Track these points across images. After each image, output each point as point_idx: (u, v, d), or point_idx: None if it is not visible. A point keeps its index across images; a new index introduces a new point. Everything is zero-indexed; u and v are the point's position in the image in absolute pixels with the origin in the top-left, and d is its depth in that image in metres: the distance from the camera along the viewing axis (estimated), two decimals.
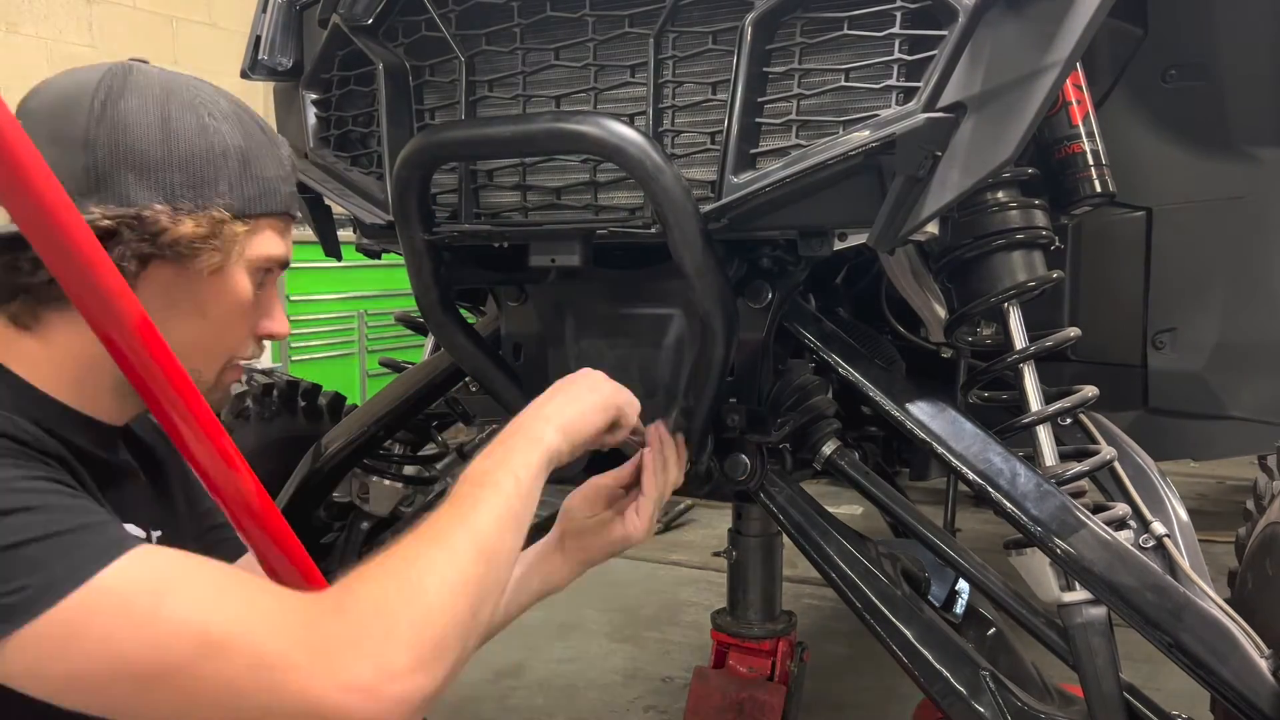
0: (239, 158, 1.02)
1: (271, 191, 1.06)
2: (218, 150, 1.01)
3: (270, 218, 1.06)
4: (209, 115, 1.02)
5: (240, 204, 1.02)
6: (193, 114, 1.01)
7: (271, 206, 1.06)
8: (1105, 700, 1.35)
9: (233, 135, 1.03)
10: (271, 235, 1.07)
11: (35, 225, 0.83)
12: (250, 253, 1.05)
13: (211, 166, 1.00)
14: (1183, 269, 1.96)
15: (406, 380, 2.13)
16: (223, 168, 1.01)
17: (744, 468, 1.62)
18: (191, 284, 1.01)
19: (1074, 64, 1.30)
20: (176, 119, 0.99)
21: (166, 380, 0.94)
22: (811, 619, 3.65)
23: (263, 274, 1.08)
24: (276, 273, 1.11)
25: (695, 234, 1.33)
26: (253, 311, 1.08)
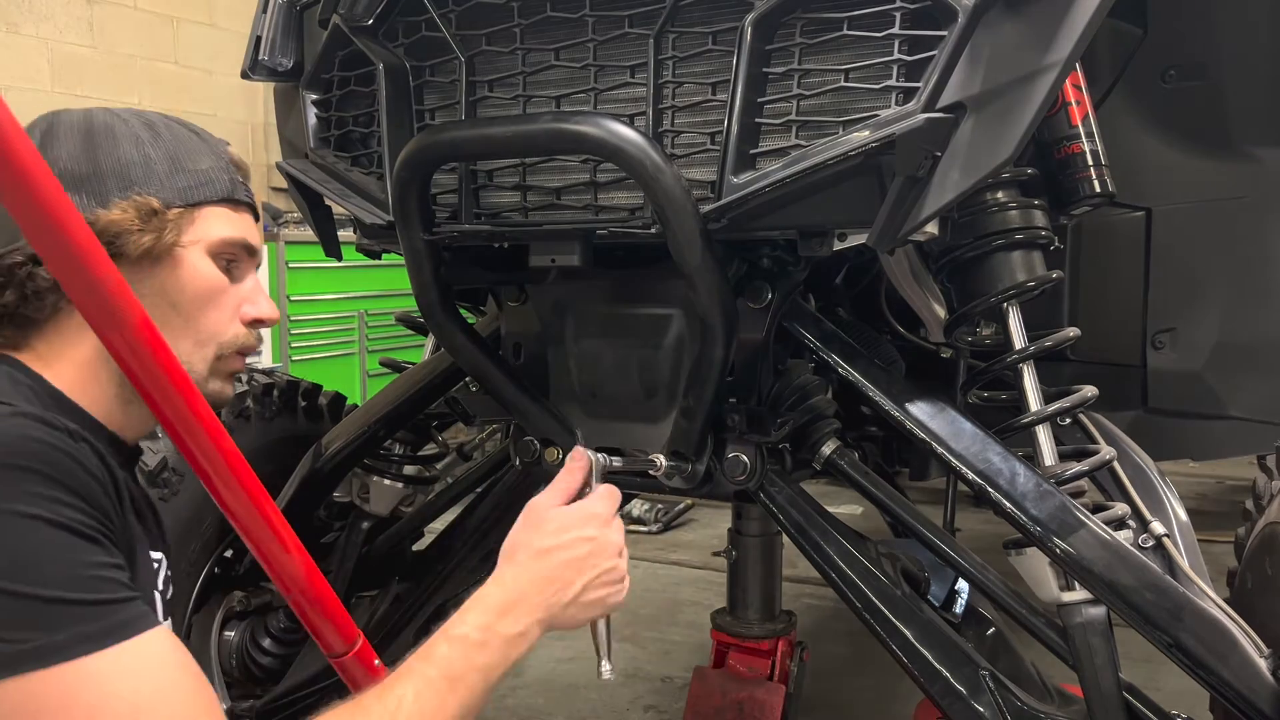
0: (166, 158, 1.09)
1: (208, 181, 1.12)
2: (141, 155, 1.08)
3: (213, 205, 1.12)
4: (127, 130, 1.09)
5: (172, 195, 1.08)
6: (110, 132, 1.08)
7: (210, 194, 1.11)
8: (1105, 700, 1.35)
9: (155, 142, 1.09)
10: (219, 220, 1.12)
11: (36, 226, 0.83)
12: (200, 236, 1.09)
13: (139, 169, 1.06)
14: (1182, 269, 1.96)
15: (406, 380, 2.13)
16: (151, 168, 1.07)
17: (744, 468, 1.62)
18: (151, 277, 1.06)
19: (1074, 64, 1.30)
20: (99, 136, 1.06)
21: (167, 380, 0.94)
22: (811, 619, 3.65)
23: (227, 260, 1.12)
24: (246, 259, 1.15)
25: (695, 234, 1.34)
26: (230, 297, 1.12)
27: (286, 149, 1.82)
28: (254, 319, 1.15)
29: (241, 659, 2.05)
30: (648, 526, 4.76)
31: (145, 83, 5.58)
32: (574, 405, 1.72)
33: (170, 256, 1.07)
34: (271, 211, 5.59)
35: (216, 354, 1.11)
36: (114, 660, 0.83)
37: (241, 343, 1.14)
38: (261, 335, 1.18)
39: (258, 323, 1.15)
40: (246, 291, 1.14)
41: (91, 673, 0.81)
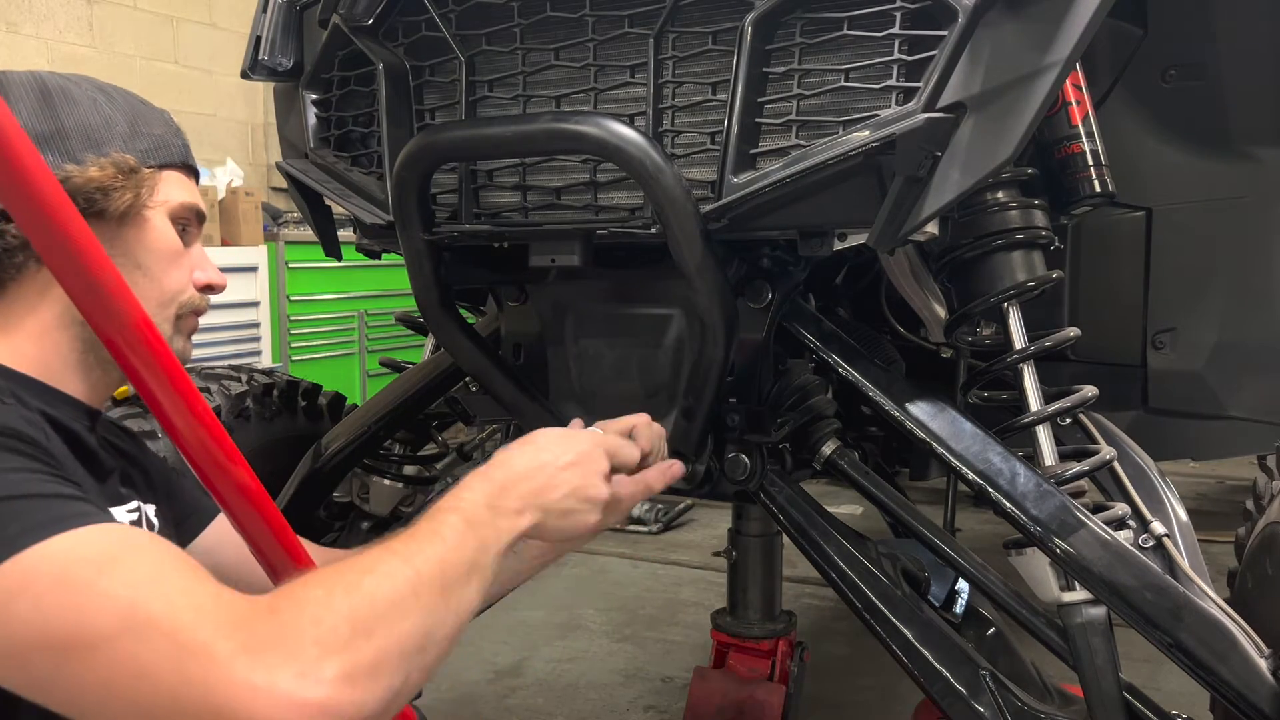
0: (125, 119, 1.10)
1: (165, 144, 1.14)
2: (102, 115, 1.09)
3: (170, 169, 1.14)
4: (82, 92, 1.09)
5: (138, 156, 1.09)
6: (66, 94, 1.08)
7: (168, 157, 1.14)
8: (1105, 700, 1.35)
9: (111, 105, 1.11)
10: (177, 184, 1.14)
11: (36, 225, 0.83)
12: (164, 198, 1.12)
13: (102, 129, 1.07)
14: (1183, 269, 1.96)
15: (406, 380, 2.13)
16: (112, 128, 1.08)
17: (744, 468, 1.62)
18: (119, 238, 1.07)
19: (1074, 64, 1.30)
20: (56, 97, 1.06)
21: (167, 380, 0.94)
22: (811, 619, 3.65)
23: (182, 226, 1.15)
24: (195, 226, 1.18)
25: (695, 234, 1.34)
26: (185, 262, 1.15)
27: (286, 149, 1.82)
28: (206, 284, 1.17)
29: None
30: (648, 526, 4.76)
31: (145, 83, 5.58)
32: (574, 405, 1.72)
33: (139, 217, 1.09)
34: (271, 211, 5.59)
35: (177, 313, 1.14)
36: (73, 538, 0.80)
37: (195, 305, 1.17)
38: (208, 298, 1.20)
39: (209, 288, 1.18)
40: (197, 257, 1.17)
41: (50, 552, 0.78)
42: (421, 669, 0.85)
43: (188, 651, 0.76)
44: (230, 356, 4.66)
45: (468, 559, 0.92)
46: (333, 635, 0.78)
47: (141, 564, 0.81)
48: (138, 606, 0.77)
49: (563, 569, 4.26)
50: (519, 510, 1.03)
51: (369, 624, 0.80)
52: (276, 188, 6.04)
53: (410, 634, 0.83)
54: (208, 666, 0.75)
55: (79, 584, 0.77)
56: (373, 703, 0.78)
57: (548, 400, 1.73)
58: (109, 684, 0.76)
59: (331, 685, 0.76)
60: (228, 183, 5.32)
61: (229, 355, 4.69)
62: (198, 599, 0.79)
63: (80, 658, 0.76)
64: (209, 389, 2.11)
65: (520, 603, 3.76)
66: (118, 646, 0.76)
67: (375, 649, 0.80)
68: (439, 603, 0.87)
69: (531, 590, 3.56)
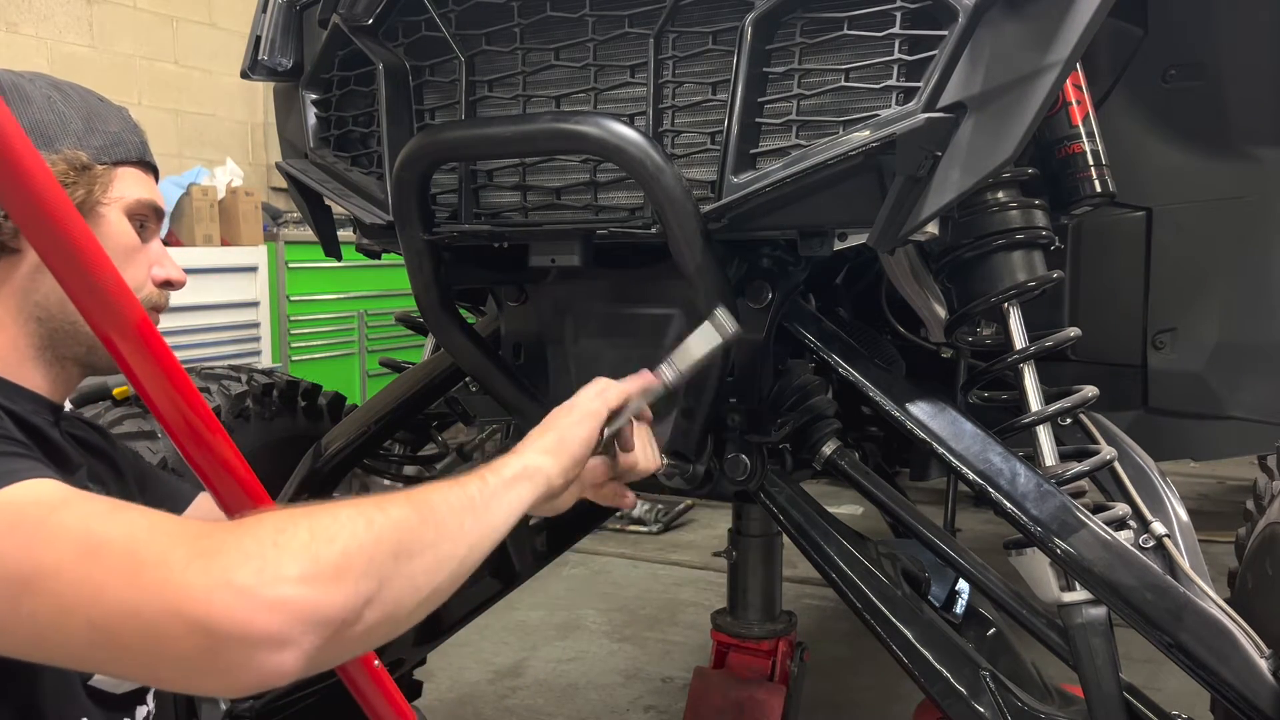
0: (81, 117, 1.10)
1: (120, 141, 1.13)
2: (56, 113, 1.08)
3: (127, 165, 1.14)
4: (36, 90, 1.09)
5: (92, 153, 1.09)
6: (20, 91, 1.08)
7: (124, 154, 1.13)
8: (1105, 700, 1.35)
9: (66, 102, 1.10)
10: (133, 181, 1.14)
11: (36, 225, 0.83)
12: (119, 195, 1.11)
13: (55, 126, 1.07)
14: (1183, 269, 1.96)
15: (406, 380, 2.13)
16: (66, 125, 1.08)
17: (744, 468, 1.62)
18: None
19: (1074, 64, 1.30)
20: (10, 95, 1.06)
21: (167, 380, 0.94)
22: (811, 619, 3.65)
23: (140, 222, 1.14)
24: (154, 222, 1.17)
25: (696, 234, 1.33)
26: (142, 259, 1.14)
27: (286, 149, 1.82)
28: (165, 280, 1.16)
29: None
30: (648, 527, 4.76)
31: (145, 83, 5.58)
32: None
33: (94, 214, 1.09)
34: (271, 211, 5.59)
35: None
36: (23, 487, 0.79)
37: (155, 301, 1.16)
38: (168, 294, 1.19)
39: (168, 284, 1.17)
40: (156, 254, 1.17)
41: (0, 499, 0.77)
42: (406, 581, 0.82)
43: (143, 563, 0.74)
44: (230, 356, 4.66)
45: (441, 489, 0.93)
46: (294, 540, 0.76)
47: (95, 503, 0.80)
48: (92, 533, 0.76)
49: (563, 569, 4.26)
50: (519, 450, 1.07)
51: (331, 532, 0.78)
52: (276, 188, 6.04)
53: (378, 541, 0.81)
54: (164, 573, 0.73)
55: (31, 523, 0.77)
56: (338, 599, 0.76)
57: (547, 400, 1.73)
58: (66, 609, 0.74)
59: (291, 583, 0.73)
60: (228, 183, 5.32)
61: (229, 355, 4.69)
62: (153, 522, 0.78)
63: (35, 589, 0.74)
64: (209, 389, 2.11)
65: (520, 603, 3.76)
66: (73, 571, 0.74)
67: (339, 550, 0.77)
68: (411, 519, 0.86)
69: (531, 590, 3.56)
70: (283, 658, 0.73)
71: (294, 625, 0.73)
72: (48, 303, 1.07)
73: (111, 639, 0.74)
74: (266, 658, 0.72)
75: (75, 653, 0.77)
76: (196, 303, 4.62)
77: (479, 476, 1.00)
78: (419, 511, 0.87)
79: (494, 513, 0.98)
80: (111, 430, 1.93)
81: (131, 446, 1.90)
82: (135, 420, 1.98)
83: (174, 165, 5.51)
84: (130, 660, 0.76)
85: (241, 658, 0.72)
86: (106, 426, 1.95)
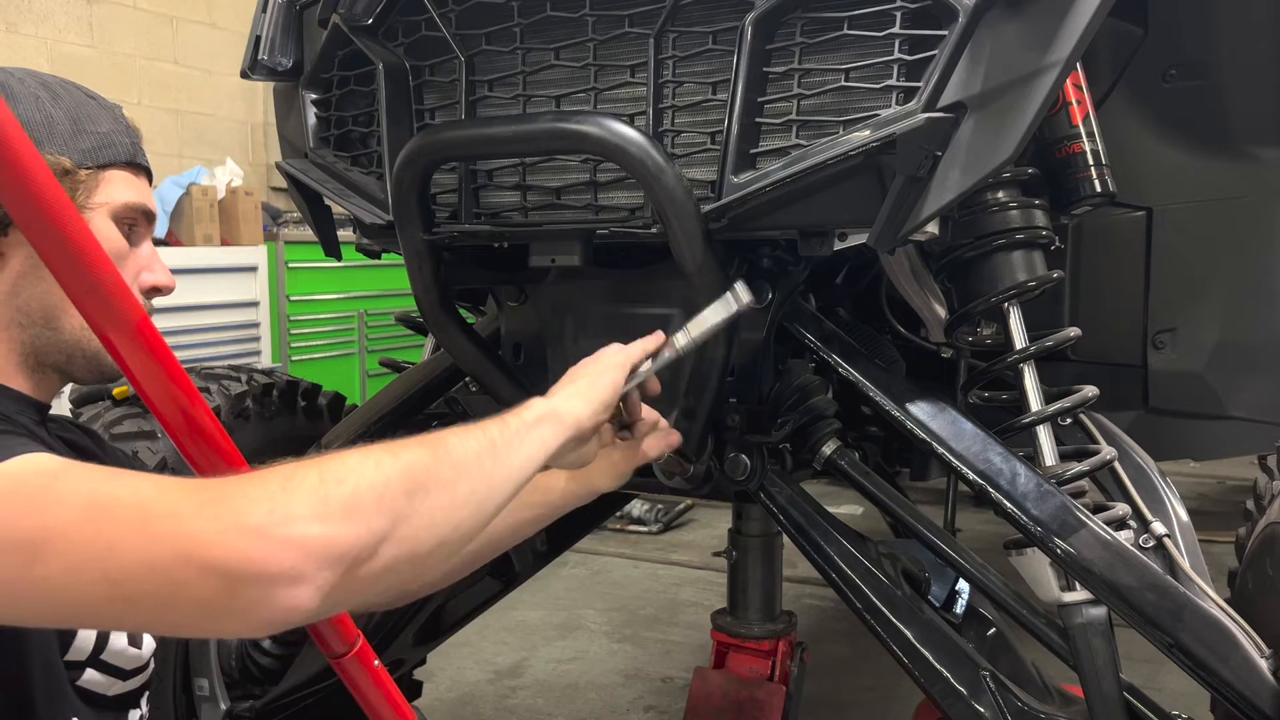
0: (68, 118, 1.08)
1: (110, 143, 1.11)
2: (44, 113, 1.06)
3: (115, 168, 1.11)
4: (25, 89, 1.07)
5: (79, 156, 1.07)
6: (7, 90, 1.05)
7: (113, 156, 1.11)
8: (1105, 700, 1.35)
9: (54, 103, 1.08)
10: (122, 184, 1.11)
11: (36, 225, 0.83)
12: (105, 199, 1.09)
13: (41, 127, 1.05)
14: (1183, 269, 1.96)
15: (406, 380, 2.13)
16: (53, 127, 1.06)
17: (744, 468, 1.61)
18: None
19: (1074, 64, 1.30)
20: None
21: (167, 380, 0.94)
22: (811, 619, 3.65)
23: (129, 226, 1.12)
24: (144, 226, 1.15)
25: (697, 234, 1.33)
26: (131, 263, 1.12)
27: (286, 149, 1.82)
28: (152, 285, 1.14)
29: (241, 659, 2.04)
30: (648, 526, 4.76)
31: (145, 82, 5.58)
32: None
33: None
34: (271, 211, 5.59)
35: None
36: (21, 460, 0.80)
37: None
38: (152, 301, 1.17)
39: (155, 290, 1.15)
40: (145, 258, 1.14)
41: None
42: (420, 521, 0.83)
43: (152, 515, 0.74)
44: (230, 356, 4.66)
45: (459, 432, 0.93)
46: (302, 484, 0.77)
47: (95, 469, 0.81)
48: (98, 493, 0.76)
49: (562, 569, 4.26)
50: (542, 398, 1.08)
51: (340, 474, 0.79)
52: (276, 188, 6.04)
53: (389, 480, 0.81)
54: (175, 522, 0.74)
55: (33, 489, 0.77)
56: (350, 535, 0.77)
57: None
58: (78, 568, 0.74)
59: (303, 521, 0.74)
60: (227, 183, 5.32)
61: (229, 355, 4.69)
62: (157, 480, 0.79)
63: (45, 552, 0.74)
64: (209, 389, 2.11)
65: (520, 603, 3.76)
66: (82, 531, 0.75)
67: (349, 490, 0.78)
68: (424, 456, 0.86)
69: (531, 590, 3.56)
70: (299, 593, 0.74)
71: (308, 561, 0.74)
72: (29, 309, 1.06)
73: (127, 592, 0.74)
74: (283, 594, 0.74)
75: (93, 610, 0.77)
76: (196, 303, 4.61)
77: (500, 420, 1.00)
78: (433, 452, 0.88)
79: (516, 453, 0.98)
80: (112, 430, 1.94)
81: (131, 447, 1.91)
82: (135, 420, 1.98)
83: (174, 165, 5.51)
84: (148, 611, 0.77)
85: (258, 596, 0.73)
86: (107, 426, 1.96)
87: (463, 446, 0.91)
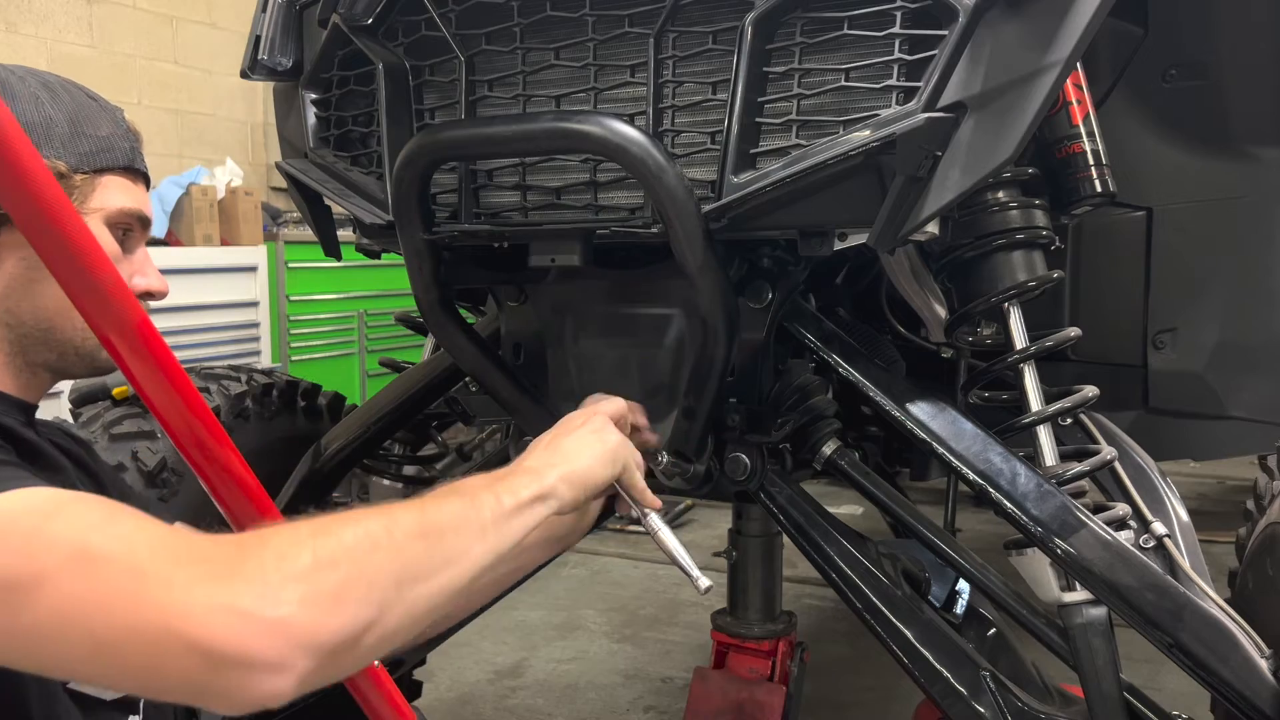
0: (67, 121, 1.06)
1: (109, 147, 1.09)
2: (42, 114, 1.04)
3: (113, 172, 1.10)
4: (25, 89, 1.05)
5: (76, 160, 1.05)
6: (7, 89, 1.04)
7: (111, 161, 1.09)
8: (1105, 700, 1.35)
9: (54, 104, 1.06)
10: (119, 189, 1.10)
11: (35, 225, 0.83)
12: (100, 205, 1.08)
13: (39, 130, 1.03)
14: (1183, 269, 1.96)
15: (406, 380, 2.13)
16: (51, 131, 1.04)
17: (744, 468, 1.61)
18: None
19: (1074, 64, 1.30)
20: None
21: (167, 380, 0.94)
22: (811, 619, 3.65)
23: (123, 231, 1.11)
24: (139, 231, 1.14)
25: (697, 234, 1.33)
26: (124, 269, 1.10)
27: (286, 149, 1.82)
28: (145, 290, 1.14)
29: None
30: None
31: (145, 82, 5.58)
32: (574, 405, 1.70)
33: None
34: (271, 211, 5.59)
35: None
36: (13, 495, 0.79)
37: None
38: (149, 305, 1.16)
39: (148, 295, 1.14)
40: (138, 263, 1.14)
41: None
42: (405, 609, 0.83)
43: (144, 578, 0.74)
44: (230, 356, 4.66)
45: (455, 511, 0.92)
46: (296, 564, 0.77)
47: (90, 509, 0.80)
48: (90, 543, 0.76)
49: (562, 569, 4.26)
50: (537, 468, 1.05)
51: (335, 556, 0.79)
52: (276, 188, 6.04)
53: (380, 570, 0.82)
54: (166, 593, 0.74)
55: (25, 531, 0.76)
56: (335, 626, 0.77)
57: (547, 400, 1.73)
58: (65, 618, 0.74)
59: (292, 606, 0.75)
60: (227, 183, 5.32)
61: (229, 355, 4.69)
62: (153, 534, 0.78)
63: (35, 600, 0.74)
64: (209, 389, 2.11)
65: (520, 603, 3.76)
66: (71, 580, 0.74)
67: (340, 577, 0.79)
68: (417, 545, 0.86)
69: (531, 590, 3.56)
70: (278, 681, 0.74)
71: (291, 651, 0.75)
72: (19, 309, 1.04)
73: (111, 653, 0.74)
74: (263, 681, 0.74)
75: (75, 664, 0.77)
76: (196, 303, 4.62)
77: (494, 493, 0.98)
78: (426, 536, 0.87)
79: (505, 536, 0.96)
80: (111, 430, 1.94)
81: (131, 447, 1.91)
82: (135, 420, 1.98)
83: (174, 165, 5.51)
84: (130, 674, 0.77)
85: (239, 680, 0.73)
86: (106, 426, 1.96)
87: (454, 528, 0.91)
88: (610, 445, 1.15)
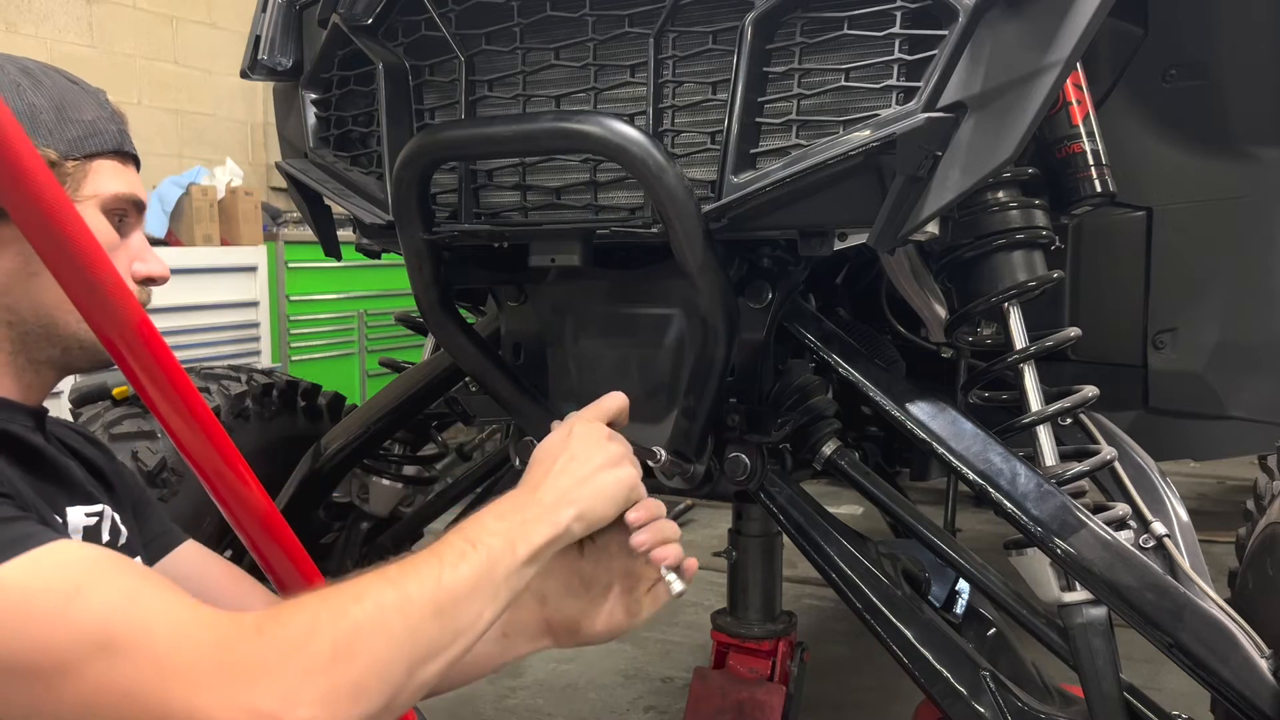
0: (52, 107, 1.04)
1: (96, 131, 1.07)
2: (25, 102, 1.02)
3: (103, 157, 1.08)
4: (4, 76, 1.03)
5: (65, 146, 1.03)
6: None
7: (100, 145, 1.07)
8: (1105, 700, 1.35)
9: (38, 90, 1.04)
10: (111, 174, 1.08)
11: (35, 225, 0.83)
12: (94, 191, 1.06)
13: (24, 118, 1.00)
14: (1183, 269, 1.96)
15: (406, 380, 2.13)
16: (38, 118, 1.02)
17: (744, 468, 1.61)
18: None
19: (1074, 64, 1.29)
20: None
21: (167, 380, 0.94)
22: (811, 619, 3.65)
23: (119, 217, 1.09)
24: (135, 216, 1.12)
25: (698, 233, 1.33)
26: (123, 254, 1.09)
27: (286, 149, 1.82)
28: (146, 276, 1.11)
29: None
30: None
31: (145, 82, 5.58)
32: (574, 405, 1.70)
33: None
34: (271, 211, 5.59)
35: None
36: (30, 562, 0.79)
37: (139, 298, 1.09)
38: (149, 290, 1.14)
39: (150, 280, 1.12)
40: (136, 249, 1.11)
41: (8, 581, 0.77)
42: (414, 688, 0.86)
43: (169, 672, 0.77)
44: (230, 356, 4.66)
45: (470, 576, 0.92)
46: (315, 658, 0.80)
47: (111, 587, 0.80)
48: (112, 630, 0.77)
49: None
50: (553, 503, 1.02)
51: (352, 648, 0.82)
52: (276, 188, 6.04)
53: (395, 659, 0.84)
54: (185, 688, 0.77)
55: (45, 615, 0.77)
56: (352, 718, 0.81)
57: (547, 400, 1.73)
58: (91, 706, 0.77)
59: (313, 708, 0.78)
60: (227, 182, 5.32)
61: (229, 355, 4.69)
62: (176, 619, 0.80)
63: (59, 686, 0.76)
64: (208, 389, 2.11)
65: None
66: (95, 671, 0.76)
67: (357, 673, 0.81)
68: (431, 624, 0.87)
69: None
70: None
71: None
72: (19, 306, 1.02)
73: None
74: None
75: None
76: (196, 303, 4.62)
77: (509, 542, 0.96)
78: (441, 614, 0.88)
79: (515, 589, 0.96)
80: (111, 430, 1.94)
81: (131, 447, 1.91)
82: (135, 420, 1.98)
83: (174, 165, 5.51)
84: None
85: None
86: (106, 426, 1.95)
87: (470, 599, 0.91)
88: (626, 484, 1.10)
